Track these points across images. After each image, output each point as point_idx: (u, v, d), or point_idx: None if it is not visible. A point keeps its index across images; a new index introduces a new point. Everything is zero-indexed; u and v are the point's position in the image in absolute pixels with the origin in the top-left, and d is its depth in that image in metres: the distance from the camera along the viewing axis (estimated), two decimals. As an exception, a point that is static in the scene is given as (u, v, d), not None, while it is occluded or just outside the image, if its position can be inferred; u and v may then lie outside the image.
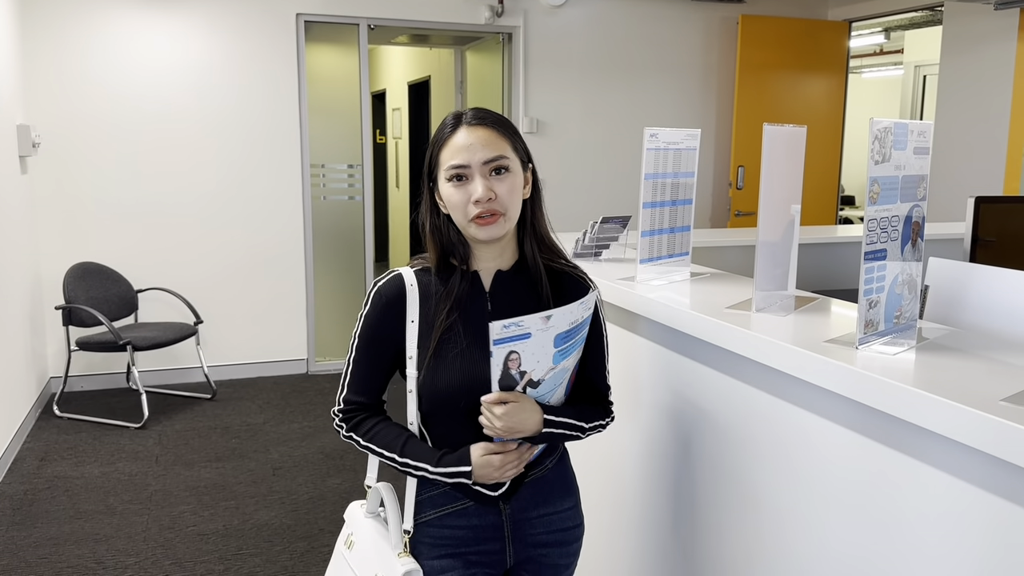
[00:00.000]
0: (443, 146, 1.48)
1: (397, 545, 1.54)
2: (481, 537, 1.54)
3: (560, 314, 1.39)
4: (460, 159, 1.45)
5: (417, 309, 1.51)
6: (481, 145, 1.45)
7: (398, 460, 1.50)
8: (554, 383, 1.47)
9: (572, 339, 1.44)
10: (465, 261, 1.53)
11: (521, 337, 1.37)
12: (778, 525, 1.58)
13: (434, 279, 1.53)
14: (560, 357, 1.44)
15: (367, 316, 1.53)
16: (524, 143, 1.54)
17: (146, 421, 4.61)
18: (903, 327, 1.49)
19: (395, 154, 9.19)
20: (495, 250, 1.53)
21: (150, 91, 5.15)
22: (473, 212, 1.45)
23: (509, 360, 1.38)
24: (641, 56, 6.13)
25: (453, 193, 1.46)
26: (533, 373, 1.42)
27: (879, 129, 1.35)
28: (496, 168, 1.46)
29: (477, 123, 1.47)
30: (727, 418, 1.72)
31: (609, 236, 2.48)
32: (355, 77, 5.69)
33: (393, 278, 1.54)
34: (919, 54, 8.14)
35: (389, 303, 1.52)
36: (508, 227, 1.48)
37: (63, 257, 5.03)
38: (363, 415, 1.55)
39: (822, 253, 3.39)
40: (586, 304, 1.44)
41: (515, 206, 1.49)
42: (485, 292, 1.53)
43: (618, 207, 5.92)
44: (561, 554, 1.60)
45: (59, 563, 3.10)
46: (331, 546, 3.24)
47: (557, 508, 1.59)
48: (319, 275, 5.74)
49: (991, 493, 1.14)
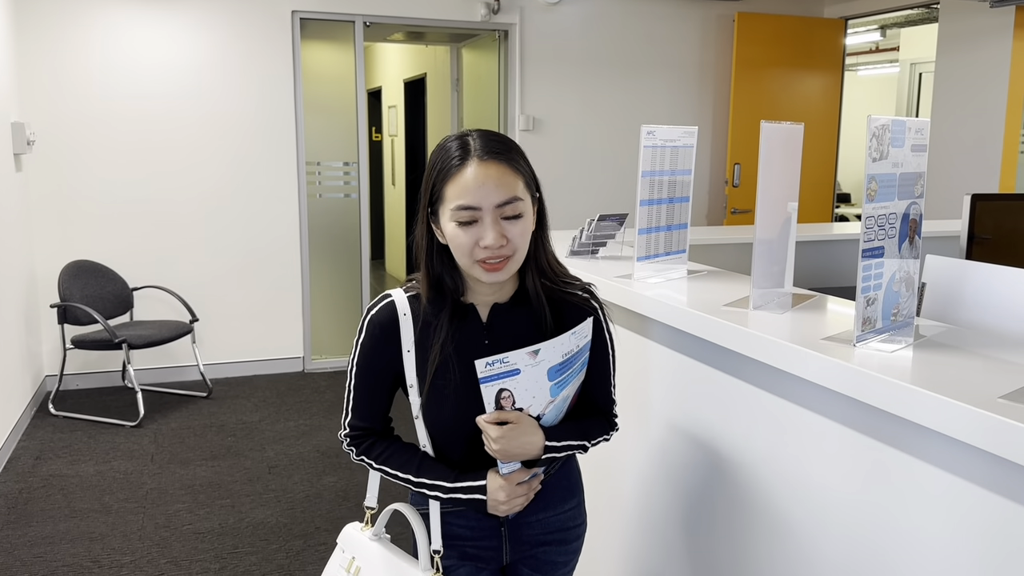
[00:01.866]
0: (449, 180, 1.35)
1: (427, 567, 1.48)
2: (478, 535, 1.53)
3: (549, 347, 1.32)
4: (470, 200, 1.33)
5: (412, 339, 1.45)
6: (495, 185, 1.34)
7: (413, 480, 1.46)
8: (556, 413, 1.43)
9: (569, 369, 1.38)
10: (459, 293, 1.46)
11: (509, 374, 1.30)
12: (775, 522, 1.58)
13: (428, 307, 1.46)
14: (558, 389, 1.38)
15: (362, 346, 1.48)
16: (533, 171, 1.43)
17: (141, 419, 4.60)
18: (900, 324, 1.48)
19: (391, 152, 9.18)
20: (495, 285, 1.46)
21: (145, 88, 5.13)
22: (481, 256, 1.36)
23: (501, 398, 1.32)
24: (637, 53, 6.13)
25: (459, 234, 1.35)
26: (530, 409, 1.36)
27: (877, 126, 1.35)
28: (510, 214, 1.35)
29: (489, 158, 1.35)
30: (724, 415, 1.72)
31: (606, 234, 2.47)
32: (351, 74, 5.67)
33: (385, 307, 1.47)
34: (915, 52, 8.15)
35: (383, 334, 1.46)
36: (516, 268, 1.41)
37: (58, 255, 5.01)
38: (372, 439, 1.52)
39: (818, 251, 3.39)
40: (580, 333, 1.37)
41: (524, 248, 1.40)
42: (482, 326, 1.47)
43: (614, 205, 5.91)
44: (560, 552, 1.59)
45: (54, 562, 3.09)
46: (327, 544, 3.24)
47: (557, 510, 1.57)
48: (315, 273, 5.73)
49: (989, 490, 1.14)
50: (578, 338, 1.37)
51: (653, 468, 1.99)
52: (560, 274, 1.51)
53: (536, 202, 1.44)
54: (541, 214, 1.47)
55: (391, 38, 7.21)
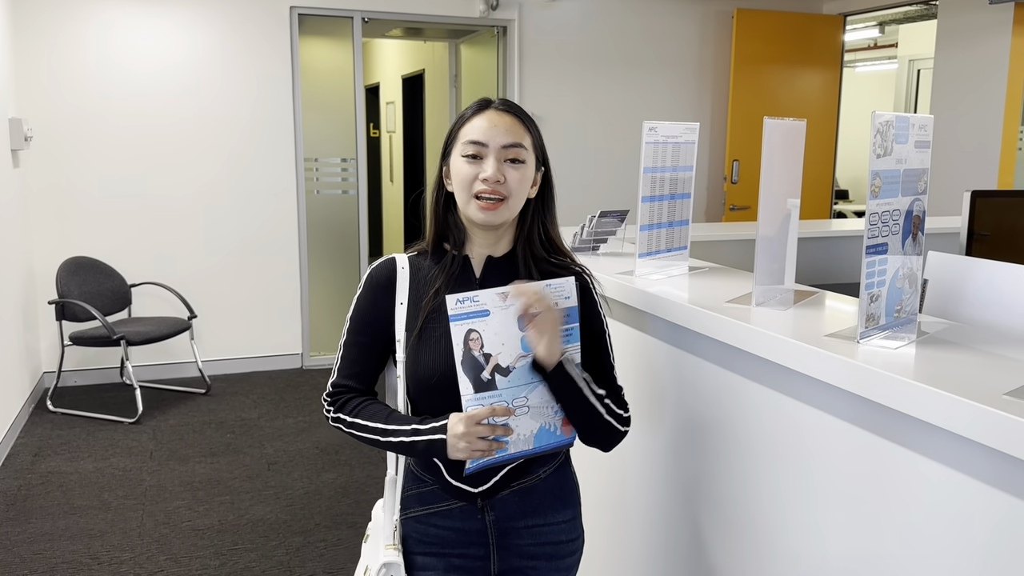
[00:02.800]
0: (466, 123, 1.49)
1: (388, 537, 1.53)
2: (464, 541, 1.51)
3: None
4: (479, 136, 1.46)
5: (407, 291, 1.52)
6: (504, 129, 1.46)
7: (381, 429, 1.44)
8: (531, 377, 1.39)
9: None
10: (458, 247, 1.53)
11: (479, 314, 1.34)
12: (778, 519, 1.58)
13: (427, 262, 1.54)
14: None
15: (359, 299, 1.55)
16: (543, 143, 1.55)
17: (140, 416, 4.59)
18: (903, 321, 1.48)
19: (389, 148, 9.17)
20: (491, 237, 1.52)
21: (143, 84, 5.12)
22: (478, 188, 1.45)
23: (470, 340, 1.34)
24: (636, 50, 6.12)
25: (463, 166, 1.46)
26: (499, 357, 1.36)
27: (881, 123, 1.35)
28: (513, 157, 1.46)
29: (504, 109, 1.49)
30: (727, 413, 1.72)
31: (607, 230, 2.47)
32: (349, 71, 5.66)
33: (386, 261, 1.56)
34: (913, 48, 8.15)
35: (380, 285, 1.53)
36: (507, 216, 1.48)
37: (56, 251, 5.00)
38: (350, 396, 1.52)
39: (817, 247, 3.39)
40: (558, 289, 1.39)
41: (520, 197, 1.49)
42: (475, 277, 1.53)
43: (614, 201, 5.91)
44: (551, 568, 1.54)
45: (53, 558, 3.09)
46: (327, 541, 3.24)
47: (549, 520, 1.53)
48: (313, 270, 5.72)
49: (993, 487, 1.14)
50: (555, 294, 1.38)
51: (655, 466, 1.99)
52: (559, 248, 1.56)
53: (540, 172, 1.54)
54: (546, 189, 1.56)
55: (389, 34, 7.19)
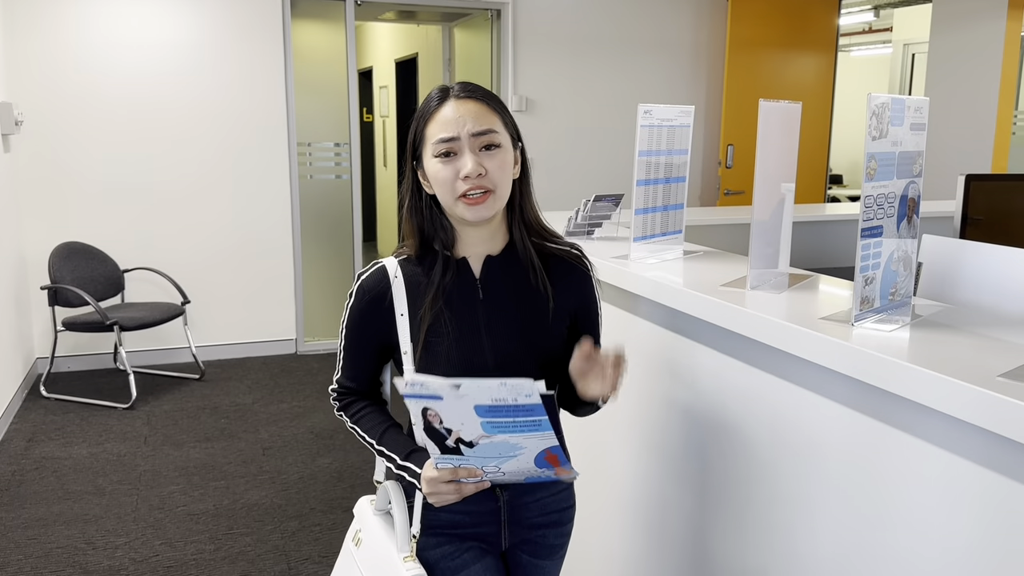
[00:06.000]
0: (429, 120, 1.40)
1: (404, 548, 1.47)
2: (477, 521, 1.51)
3: (473, 386, 1.20)
4: (448, 131, 1.37)
5: (405, 302, 1.44)
6: (471, 117, 1.37)
7: (375, 447, 1.49)
8: (499, 452, 1.29)
9: (509, 418, 1.24)
10: (449, 247, 1.46)
11: (431, 397, 1.22)
12: (772, 500, 1.59)
13: (420, 268, 1.45)
14: (495, 429, 1.25)
15: (351, 309, 1.48)
16: (513, 120, 1.46)
17: (134, 402, 4.59)
18: (898, 304, 1.49)
19: (382, 133, 9.13)
20: (484, 233, 1.45)
21: (135, 68, 5.08)
22: (462, 189, 1.36)
23: (428, 415, 1.25)
24: (630, 33, 6.10)
25: (440, 169, 1.38)
26: (462, 433, 1.27)
27: (877, 104, 1.34)
28: (487, 144, 1.38)
29: (466, 96, 1.40)
30: (722, 396, 1.72)
31: (602, 215, 2.46)
32: (342, 54, 5.63)
33: (376, 271, 1.47)
34: (908, 32, 8.13)
35: (373, 298, 1.45)
36: (498, 207, 1.40)
37: (48, 237, 4.98)
38: (354, 398, 1.55)
39: (812, 231, 3.39)
40: (515, 389, 1.19)
41: (505, 184, 1.41)
42: (475, 279, 1.46)
43: (608, 185, 5.90)
44: (556, 534, 1.59)
45: (48, 543, 3.09)
46: (322, 525, 3.25)
47: (552, 490, 1.56)
48: (307, 255, 5.71)
49: (988, 469, 1.14)
50: (512, 392, 1.19)
51: (648, 448, 1.99)
52: (548, 233, 1.52)
53: (518, 149, 1.45)
54: (524, 167, 1.48)
55: (382, 17, 7.15)
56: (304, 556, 3.03)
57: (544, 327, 1.47)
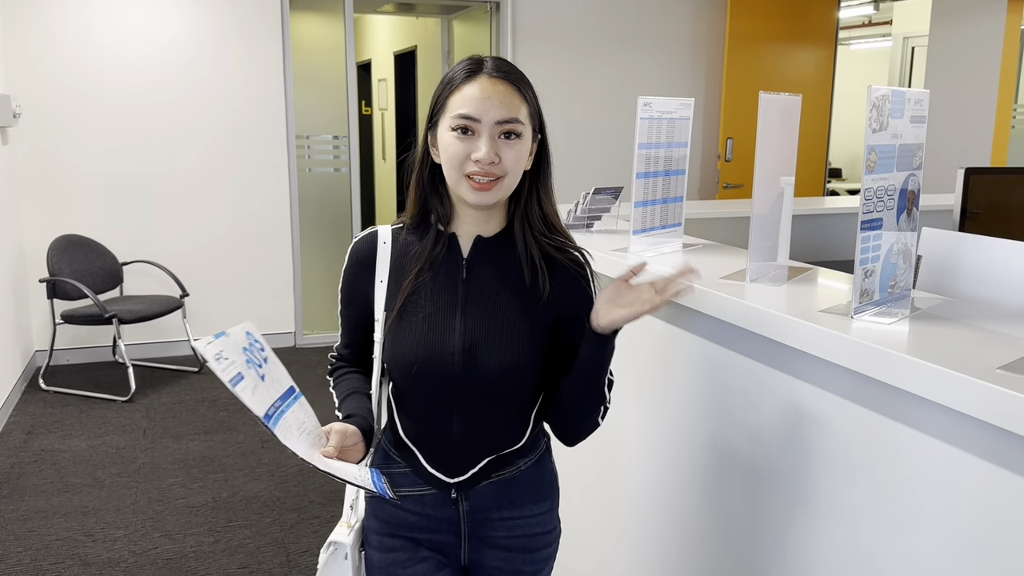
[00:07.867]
0: (455, 90, 1.34)
1: (345, 514, 1.51)
2: (434, 527, 1.45)
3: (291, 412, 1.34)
4: (471, 110, 1.31)
5: (387, 269, 1.43)
6: (498, 102, 1.32)
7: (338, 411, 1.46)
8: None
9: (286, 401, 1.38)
10: (445, 223, 1.43)
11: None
12: (772, 495, 1.59)
13: (412, 238, 1.43)
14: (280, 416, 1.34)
15: (344, 273, 1.48)
16: (540, 110, 1.41)
17: (133, 394, 4.59)
18: (897, 297, 1.49)
19: (381, 126, 9.11)
20: (480, 215, 1.41)
21: (133, 61, 5.06)
22: (470, 169, 1.32)
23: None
24: (630, 26, 6.08)
25: (453, 143, 1.32)
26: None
27: (877, 97, 1.34)
28: (507, 132, 1.33)
29: (499, 76, 1.34)
30: (721, 389, 1.72)
31: (601, 207, 2.46)
32: (340, 47, 5.61)
33: (368, 236, 1.46)
34: (908, 26, 8.12)
35: (360, 261, 1.45)
36: (502, 195, 1.36)
37: (46, 229, 4.97)
38: (343, 364, 1.54)
39: (811, 224, 3.39)
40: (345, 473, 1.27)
41: (516, 174, 1.36)
42: (463, 258, 1.42)
43: (606, 179, 5.88)
44: (525, 560, 1.48)
45: (48, 536, 3.09)
46: (321, 517, 3.25)
47: (525, 513, 1.48)
48: (306, 248, 5.70)
49: (986, 460, 1.15)
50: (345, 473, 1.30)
51: (647, 442, 1.99)
52: (555, 226, 1.46)
53: (537, 142, 1.42)
54: (542, 157, 1.45)
55: (381, 10, 7.13)
56: (303, 548, 3.03)
57: (525, 326, 1.40)
